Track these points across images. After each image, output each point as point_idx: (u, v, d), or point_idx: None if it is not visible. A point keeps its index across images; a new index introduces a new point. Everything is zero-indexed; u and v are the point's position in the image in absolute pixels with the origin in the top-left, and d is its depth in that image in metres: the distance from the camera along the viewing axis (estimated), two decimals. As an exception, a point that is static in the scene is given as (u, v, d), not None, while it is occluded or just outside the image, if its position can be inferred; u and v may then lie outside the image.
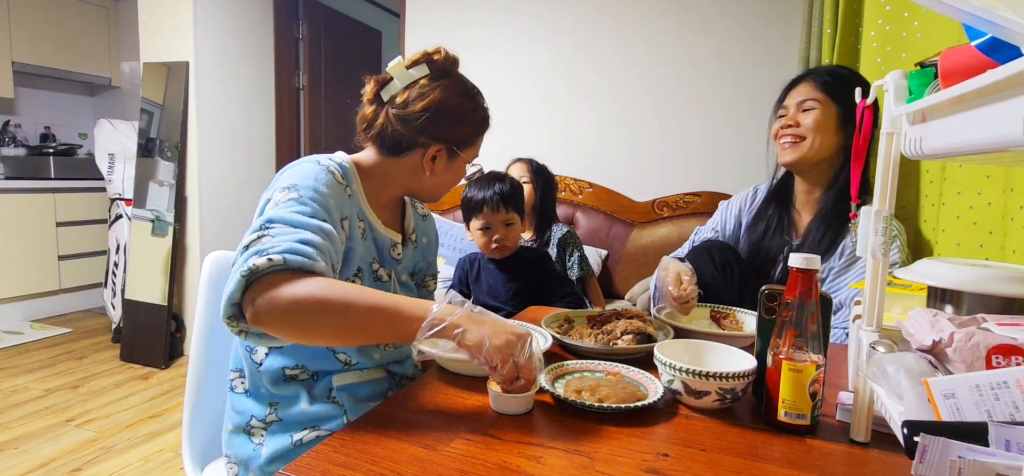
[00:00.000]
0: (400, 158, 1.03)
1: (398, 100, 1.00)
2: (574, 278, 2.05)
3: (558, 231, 2.11)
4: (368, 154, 1.06)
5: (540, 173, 2.18)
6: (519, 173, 2.13)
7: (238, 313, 0.77)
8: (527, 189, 2.06)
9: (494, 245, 1.61)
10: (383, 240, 1.05)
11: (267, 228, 0.81)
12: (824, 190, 1.36)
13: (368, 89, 1.03)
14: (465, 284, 1.72)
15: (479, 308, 0.81)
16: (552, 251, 2.06)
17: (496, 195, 1.59)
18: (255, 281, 0.75)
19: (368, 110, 1.03)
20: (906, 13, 1.46)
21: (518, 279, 1.66)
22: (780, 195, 1.44)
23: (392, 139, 1.01)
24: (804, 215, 1.40)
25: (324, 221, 0.86)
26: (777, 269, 1.38)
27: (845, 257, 1.28)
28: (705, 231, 1.58)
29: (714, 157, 2.56)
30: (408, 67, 1.01)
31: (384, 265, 1.05)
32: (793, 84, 1.38)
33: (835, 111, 1.30)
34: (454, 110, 1.02)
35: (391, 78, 1.01)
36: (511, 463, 0.65)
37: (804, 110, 1.32)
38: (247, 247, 0.79)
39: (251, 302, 0.75)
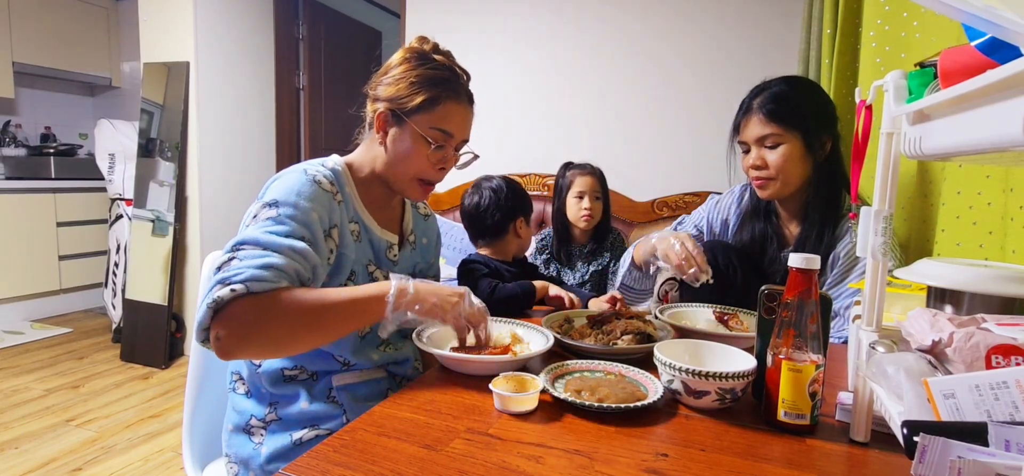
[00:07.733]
0: (372, 140, 1.04)
1: None
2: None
3: (612, 236, 2.03)
4: (358, 151, 1.07)
5: (605, 185, 2.00)
6: (590, 189, 1.94)
7: (209, 338, 0.81)
8: (597, 206, 1.95)
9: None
10: (379, 242, 1.05)
11: (238, 250, 0.84)
12: (805, 199, 1.35)
13: None
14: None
15: (418, 280, 0.91)
16: (607, 255, 1.98)
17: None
18: (218, 312, 0.79)
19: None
20: (905, 13, 1.46)
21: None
22: (766, 209, 1.42)
23: (367, 120, 1.05)
24: (791, 226, 1.40)
25: (300, 239, 0.87)
26: (775, 280, 1.37)
27: (837, 269, 1.28)
28: (688, 225, 1.55)
29: (714, 157, 2.55)
30: None
31: (380, 267, 1.05)
32: (744, 113, 1.33)
33: (799, 139, 1.27)
34: (394, 66, 1.02)
35: None
36: (511, 463, 0.65)
37: (768, 147, 1.28)
38: (218, 269, 0.82)
39: (217, 338, 0.79)
